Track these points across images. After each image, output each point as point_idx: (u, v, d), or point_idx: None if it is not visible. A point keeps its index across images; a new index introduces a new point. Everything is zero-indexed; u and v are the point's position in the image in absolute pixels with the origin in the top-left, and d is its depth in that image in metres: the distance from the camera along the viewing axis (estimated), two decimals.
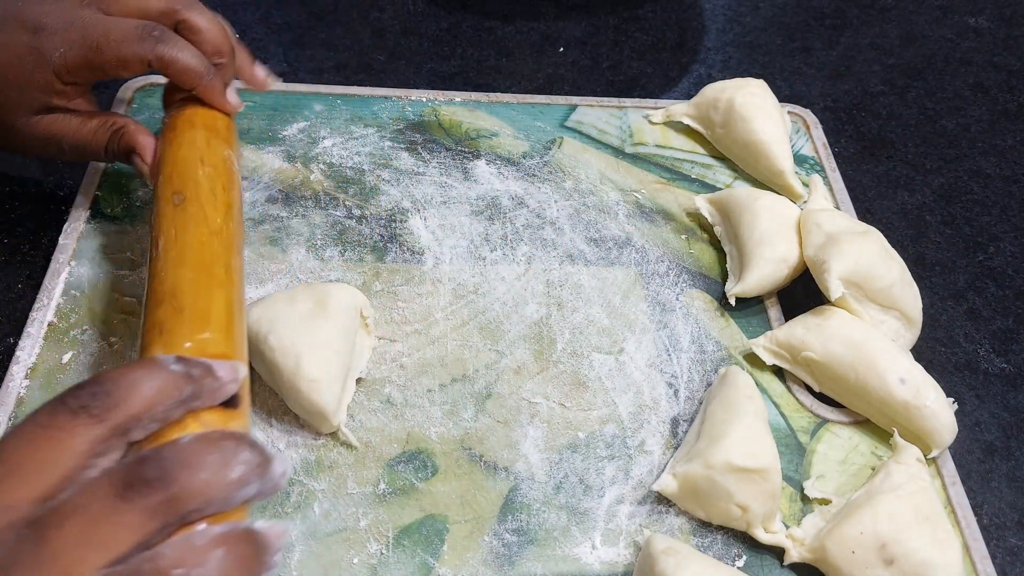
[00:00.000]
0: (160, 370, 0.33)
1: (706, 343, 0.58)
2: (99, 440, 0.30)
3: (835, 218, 0.59)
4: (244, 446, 0.31)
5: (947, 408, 0.52)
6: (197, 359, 0.36)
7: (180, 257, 0.44)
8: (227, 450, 0.31)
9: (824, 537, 0.46)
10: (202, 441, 0.31)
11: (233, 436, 0.32)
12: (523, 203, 0.64)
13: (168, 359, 0.35)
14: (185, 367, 0.34)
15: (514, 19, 0.82)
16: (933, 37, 0.87)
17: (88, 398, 0.30)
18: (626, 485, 0.50)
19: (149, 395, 0.32)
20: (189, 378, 0.34)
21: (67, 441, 0.30)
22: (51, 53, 0.49)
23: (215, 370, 0.36)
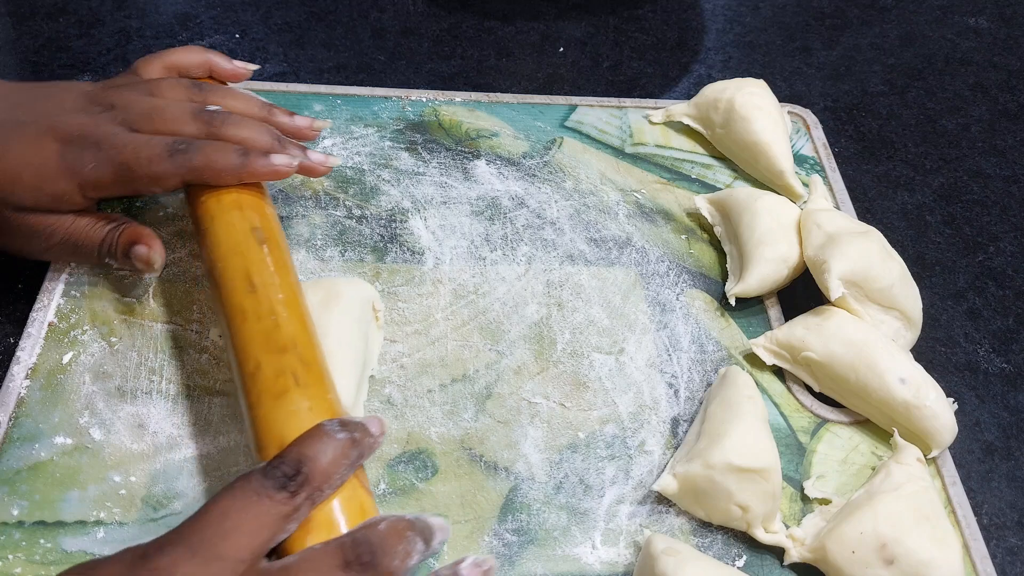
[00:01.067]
0: (331, 439, 0.39)
1: (706, 343, 0.58)
2: (295, 508, 0.37)
3: (835, 218, 0.59)
4: (418, 537, 0.38)
5: (947, 408, 0.52)
6: (354, 421, 0.40)
7: (291, 303, 0.46)
8: (410, 541, 0.37)
9: (824, 537, 0.46)
10: (393, 531, 0.37)
11: (413, 527, 0.38)
12: (523, 203, 0.64)
13: (333, 426, 0.39)
14: (348, 432, 0.39)
15: (514, 19, 0.82)
16: (933, 37, 0.87)
17: (287, 477, 0.37)
18: (626, 485, 0.50)
19: (330, 466, 0.38)
20: (354, 442, 0.39)
21: (273, 509, 0.36)
22: (80, 167, 0.49)
23: (369, 429, 0.41)
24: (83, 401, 0.50)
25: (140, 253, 0.51)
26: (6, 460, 0.47)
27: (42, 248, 0.52)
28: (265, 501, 0.36)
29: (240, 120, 0.52)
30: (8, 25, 0.76)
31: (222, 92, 0.55)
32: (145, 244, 0.51)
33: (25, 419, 0.49)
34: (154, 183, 0.50)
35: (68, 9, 0.77)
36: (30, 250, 0.52)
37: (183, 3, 0.80)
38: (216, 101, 0.54)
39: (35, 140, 0.49)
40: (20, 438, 0.48)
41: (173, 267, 0.57)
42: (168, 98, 0.52)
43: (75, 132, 0.49)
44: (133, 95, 0.52)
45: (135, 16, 0.78)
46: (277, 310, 0.46)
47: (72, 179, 0.49)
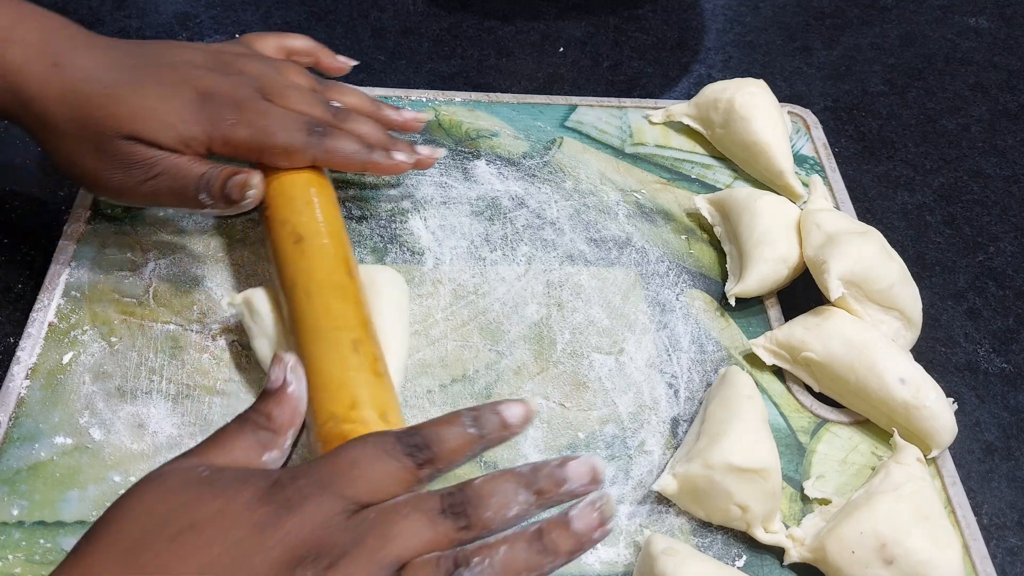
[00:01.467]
0: (463, 430, 0.38)
1: (706, 343, 0.58)
2: (417, 480, 0.37)
3: (835, 218, 0.59)
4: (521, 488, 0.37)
5: (947, 408, 0.52)
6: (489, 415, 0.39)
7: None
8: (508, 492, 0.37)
9: (824, 537, 0.46)
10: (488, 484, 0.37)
11: (511, 477, 0.37)
12: (523, 203, 0.64)
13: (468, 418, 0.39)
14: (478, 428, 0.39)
15: (514, 19, 0.82)
16: (933, 37, 0.87)
17: (417, 447, 0.37)
18: (626, 485, 0.50)
19: (454, 452, 0.38)
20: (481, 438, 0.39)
21: (397, 472, 0.37)
22: (219, 120, 0.51)
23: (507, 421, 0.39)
24: (83, 401, 0.50)
25: (239, 179, 0.50)
26: (6, 460, 0.47)
27: (139, 180, 0.51)
28: (392, 462, 0.37)
29: (358, 117, 0.56)
30: None
31: (338, 88, 0.59)
32: (242, 174, 0.51)
33: (25, 419, 0.49)
34: (285, 156, 0.52)
35: (68, 9, 0.77)
36: (125, 183, 0.51)
37: (183, 3, 0.80)
38: (335, 96, 0.57)
39: (174, 85, 0.51)
40: (20, 438, 0.48)
41: (174, 267, 0.57)
42: (295, 82, 0.55)
43: (214, 88, 0.52)
44: (263, 67, 0.55)
45: (135, 16, 0.78)
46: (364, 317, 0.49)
47: (208, 129, 0.51)
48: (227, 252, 0.58)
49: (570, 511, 0.37)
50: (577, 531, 0.36)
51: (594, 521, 0.37)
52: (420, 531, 0.35)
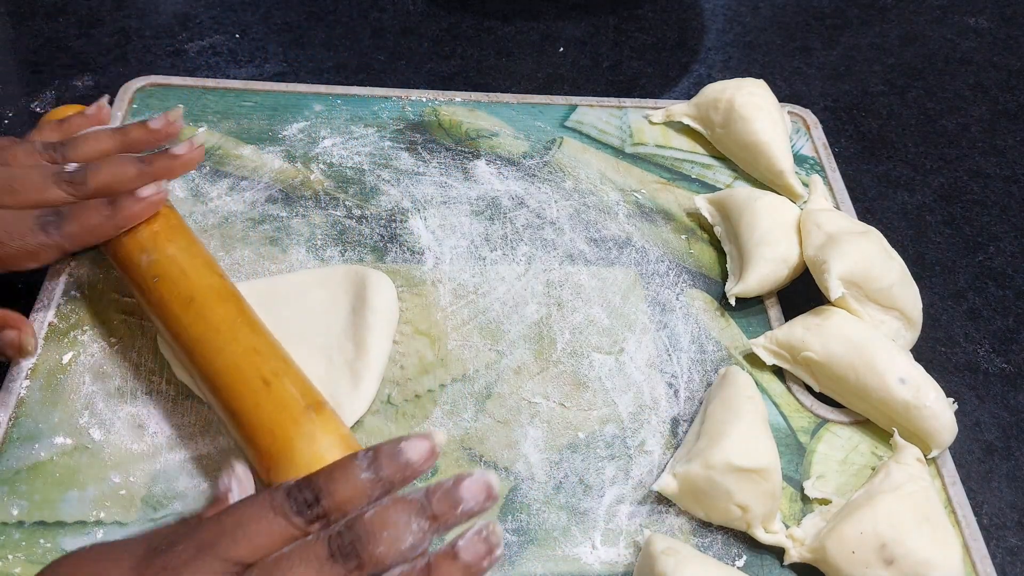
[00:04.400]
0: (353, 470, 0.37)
1: (706, 343, 0.58)
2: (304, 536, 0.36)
3: (835, 218, 0.59)
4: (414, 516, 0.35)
5: (947, 408, 0.52)
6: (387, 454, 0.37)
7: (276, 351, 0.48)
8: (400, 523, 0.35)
9: (824, 537, 0.46)
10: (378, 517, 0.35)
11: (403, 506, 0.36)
12: (523, 203, 0.64)
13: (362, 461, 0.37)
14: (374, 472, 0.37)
15: (514, 19, 0.82)
16: (933, 37, 0.87)
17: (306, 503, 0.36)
18: (626, 485, 0.50)
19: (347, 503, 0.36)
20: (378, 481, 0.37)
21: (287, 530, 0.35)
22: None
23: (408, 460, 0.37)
24: (83, 401, 0.50)
25: (9, 338, 0.48)
26: (6, 460, 0.47)
27: None
28: (280, 520, 0.35)
29: (100, 164, 0.51)
30: (8, 25, 0.76)
31: (74, 142, 0.53)
32: (15, 327, 0.48)
33: (25, 419, 0.49)
34: (30, 259, 0.48)
35: (68, 9, 0.77)
36: None
37: (183, 3, 0.80)
38: (72, 155, 0.52)
39: None
40: (20, 438, 0.48)
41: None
42: (26, 165, 0.51)
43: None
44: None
45: (135, 16, 0.78)
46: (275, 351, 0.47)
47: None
48: (227, 252, 0.58)
49: (458, 542, 0.35)
50: (466, 562, 0.35)
51: (482, 551, 0.35)
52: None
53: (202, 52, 0.75)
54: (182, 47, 0.75)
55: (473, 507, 0.36)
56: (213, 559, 0.34)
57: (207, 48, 0.76)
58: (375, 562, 0.34)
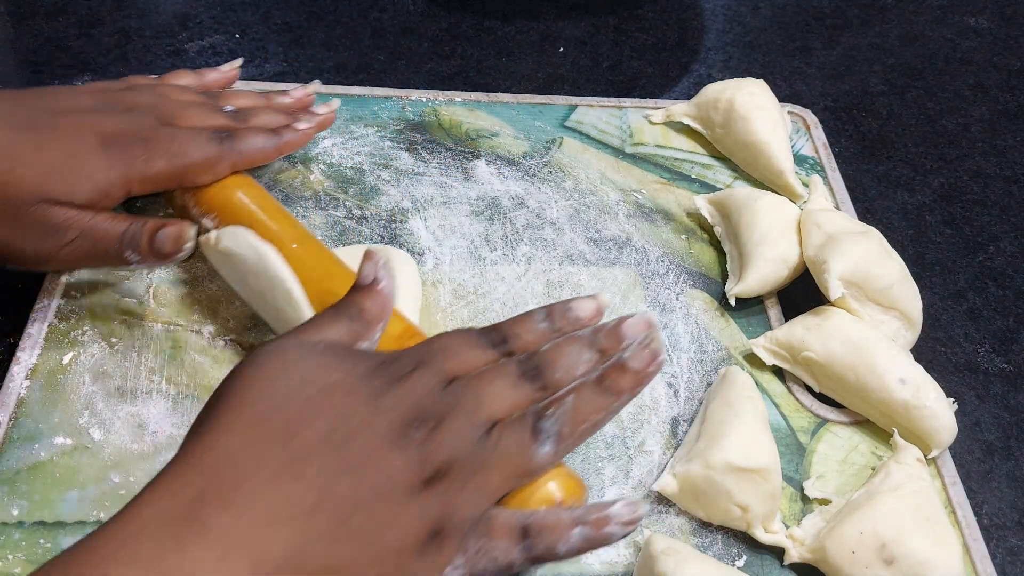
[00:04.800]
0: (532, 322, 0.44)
1: (706, 343, 0.58)
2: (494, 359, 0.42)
3: (835, 218, 0.59)
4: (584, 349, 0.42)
5: (947, 408, 0.52)
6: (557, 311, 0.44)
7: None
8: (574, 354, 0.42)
9: (824, 537, 0.46)
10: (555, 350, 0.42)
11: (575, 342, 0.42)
12: (523, 203, 0.64)
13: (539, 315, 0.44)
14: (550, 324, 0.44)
15: (514, 19, 0.82)
16: (933, 37, 0.87)
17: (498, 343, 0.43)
18: (626, 485, 0.50)
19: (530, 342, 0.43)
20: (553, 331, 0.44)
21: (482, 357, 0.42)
22: (130, 160, 0.50)
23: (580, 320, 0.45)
24: (83, 401, 0.50)
25: (169, 232, 0.50)
26: (6, 460, 0.47)
27: (56, 246, 0.49)
28: (477, 350, 0.42)
29: (254, 111, 0.57)
30: (8, 25, 0.76)
31: (226, 94, 0.59)
32: (173, 226, 0.51)
33: (25, 419, 0.49)
34: (205, 171, 0.53)
35: (68, 9, 0.77)
36: (41, 249, 0.49)
37: (183, 3, 0.80)
38: (225, 102, 0.58)
39: (74, 135, 0.50)
40: (20, 438, 0.48)
41: (174, 267, 0.57)
42: (186, 100, 0.55)
43: (112, 129, 0.51)
44: (151, 97, 0.54)
45: (135, 16, 0.78)
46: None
47: (123, 172, 0.50)
48: None
49: (624, 354, 0.41)
50: (635, 369, 0.41)
51: (647, 357, 0.41)
52: (505, 394, 0.40)
53: (202, 52, 0.75)
54: (182, 47, 0.75)
55: (634, 341, 0.42)
56: (431, 370, 0.40)
57: (207, 48, 0.76)
58: (555, 384, 0.41)
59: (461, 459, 0.38)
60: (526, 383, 0.41)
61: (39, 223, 0.48)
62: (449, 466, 0.37)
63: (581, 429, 0.40)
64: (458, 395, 0.39)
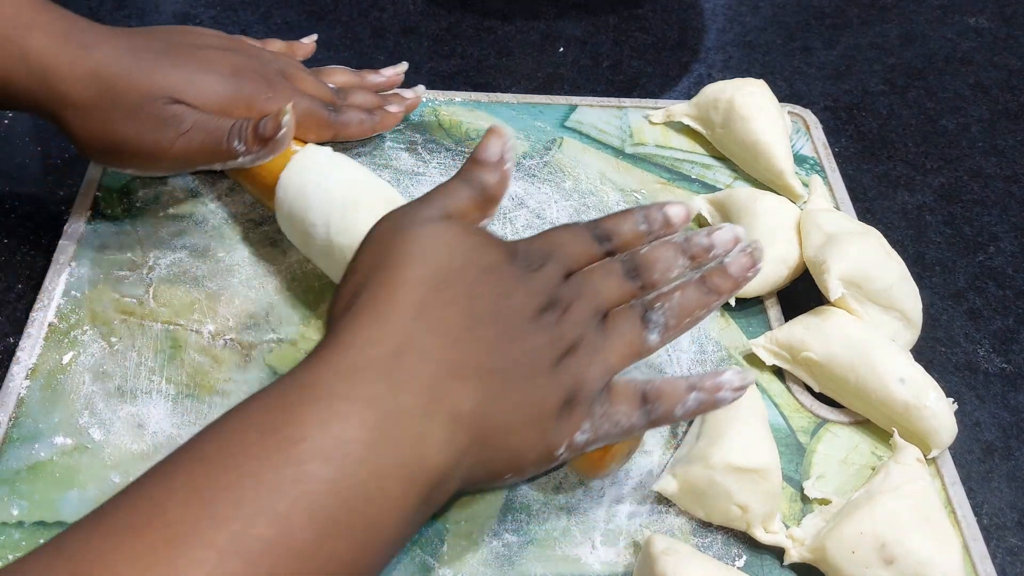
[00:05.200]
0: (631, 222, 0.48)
1: (706, 343, 0.58)
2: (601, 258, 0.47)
3: (835, 218, 0.59)
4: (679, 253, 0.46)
5: (947, 408, 0.52)
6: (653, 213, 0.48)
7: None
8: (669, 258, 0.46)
9: (824, 537, 0.46)
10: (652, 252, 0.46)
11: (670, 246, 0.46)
12: (523, 203, 0.64)
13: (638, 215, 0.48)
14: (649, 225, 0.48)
15: (514, 19, 0.82)
16: (933, 37, 0.87)
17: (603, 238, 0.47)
18: (626, 485, 0.50)
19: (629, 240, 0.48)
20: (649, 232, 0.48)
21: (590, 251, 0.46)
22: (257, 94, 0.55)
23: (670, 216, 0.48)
24: (83, 401, 0.50)
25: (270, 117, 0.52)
26: (6, 460, 0.47)
27: (173, 135, 0.52)
28: (587, 244, 0.46)
29: (353, 91, 0.64)
30: None
31: (327, 71, 0.65)
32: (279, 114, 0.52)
33: (25, 419, 0.49)
34: (311, 130, 0.58)
35: (68, 9, 0.77)
36: (161, 140, 0.52)
37: (183, 3, 0.80)
38: (327, 78, 0.64)
39: (208, 61, 0.54)
40: (20, 438, 0.48)
41: (174, 267, 0.57)
42: (299, 67, 0.61)
43: (245, 67, 0.56)
44: (272, 57, 0.60)
45: (135, 16, 0.78)
46: None
47: (247, 101, 0.54)
48: (227, 252, 0.58)
49: (727, 257, 0.46)
50: (734, 273, 0.46)
51: (747, 263, 0.46)
52: (614, 287, 0.45)
53: None
54: None
55: (721, 252, 0.46)
56: (554, 263, 0.44)
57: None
58: (653, 283, 0.46)
59: (586, 339, 0.43)
60: (629, 280, 0.45)
61: (161, 115, 0.51)
62: (577, 344, 0.43)
63: (685, 323, 0.45)
64: (579, 286, 0.44)
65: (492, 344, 0.40)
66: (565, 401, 0.41)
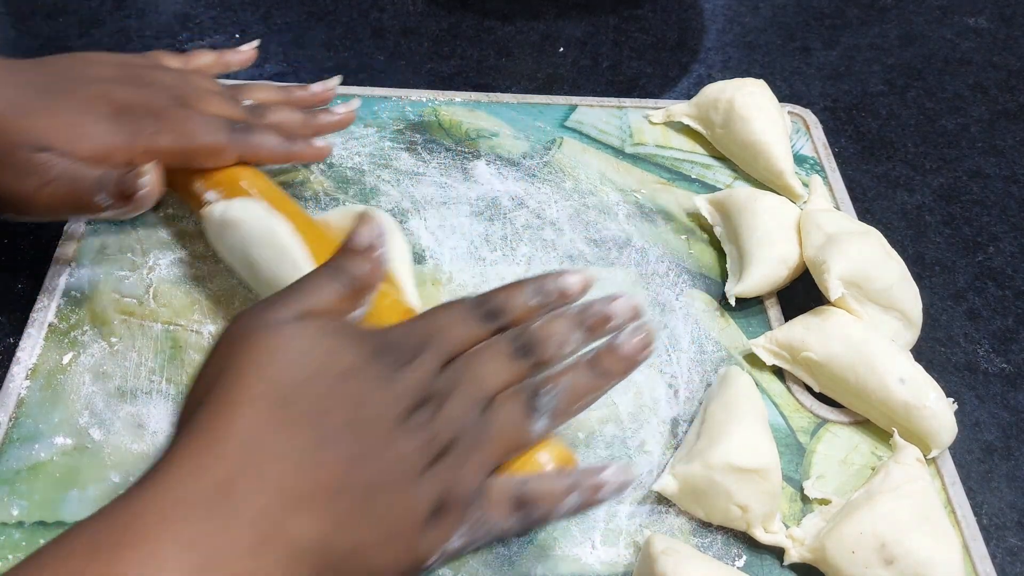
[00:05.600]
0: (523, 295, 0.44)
1: (706, 343, 0.58)
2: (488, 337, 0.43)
3: (835, 218, 0.59)
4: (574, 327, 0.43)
5: (947, 408, 0.52)
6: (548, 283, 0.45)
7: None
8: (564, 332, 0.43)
9: (824, 537, 0.46)
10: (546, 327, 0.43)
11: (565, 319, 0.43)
12: (523, 203, 0.64)
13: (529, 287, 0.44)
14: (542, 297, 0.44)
15: (514, 19, 0.82)
16: (933, 37, 0.87)
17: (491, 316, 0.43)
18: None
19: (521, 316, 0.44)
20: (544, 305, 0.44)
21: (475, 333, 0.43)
22: (139, 132, 0.51)
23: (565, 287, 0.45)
24: (83, 401, 0.50)
25: (132, 172, 0.49)
26: (6, 460, 0.47)
27: (37, 184, 0.49)
28: (473, 325, 0.43)
29: (274, 108, 0.58)
30: (8, 25, 0.76)
31: (247, 87, 0.60)
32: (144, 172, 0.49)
33: (25, 419, 0.49)
34: (211, 156, 0.53)
35: (68, 9, 0.77)
36: (23, 189, 0.49)
37: (183, 3, 0.80)
38: (246, 95, 0.59)
39: (88, 101, 0.51)
40: (20, 438, 0.48)
41: (174, 267, 0.57)
42: (207, 88, 0.56)
43: (130, 101, 0.52)
44: (174, 77, 0.55)
45: (135, 16, 0.78)
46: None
47: (129, 140, 0.51)
48: None
49: (618, 338, 0.43)
50: (626, 354, 0.43)
51: (639, 344, 0.43)
52: (501, 370, 0.42)
53: None
54: (182, 47, 0.75)
55: (621, 322, 0.44)
56: (431, 353, 0.41)
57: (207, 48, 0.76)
58: (546, 361, 0.43)
59: (463, 436, 0.39)
60: (519, 360, 0.42)
61: (26, 163, 0.48)
62: (452, 443, 0.39)
63: (575, 407, 0.43)
64: (458, 375, 0.41)
65: (345, 462, 0.36)
66: (435, 509, 0.38)
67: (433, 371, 0.40)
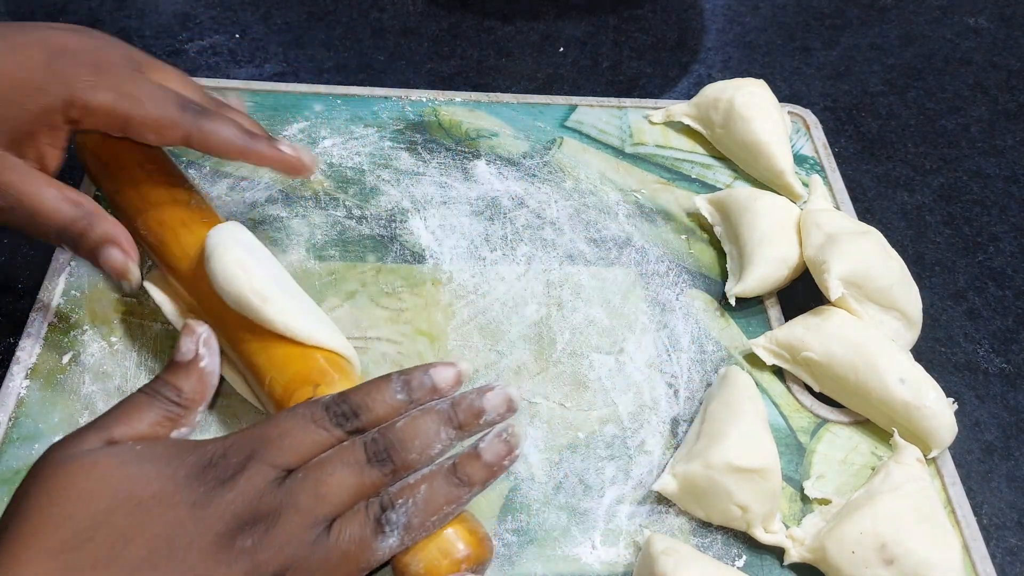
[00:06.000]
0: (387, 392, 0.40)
1: (706, 343, 0.58)
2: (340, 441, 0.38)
3: (835, 218, 0.59)
4: (442, 425, 0.39)
5: (947, 408, 0.52)
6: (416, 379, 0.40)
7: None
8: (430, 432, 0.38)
9: (824, 537, 0.46)
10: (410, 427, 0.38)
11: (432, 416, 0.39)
12: (523, 203, 0.64)
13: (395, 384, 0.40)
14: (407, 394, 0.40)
15: (514, 19, 0.82)
16: (933, 37, 0.87)
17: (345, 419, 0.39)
18: (626, 485, 0.50)
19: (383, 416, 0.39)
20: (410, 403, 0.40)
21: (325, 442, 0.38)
22: (73, 80, 0.44)
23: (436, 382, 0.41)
24: (83, 401, 0.50)
25: (116, 260, 0.45)
26: (6, 460, 0.47)
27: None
28: (321, 431, 0.38)
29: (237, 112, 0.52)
30: None
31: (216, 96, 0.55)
32: (121, 249, 0.46)
33: (25, 419, 0.49)
34: (155, 130, 0.46)
35: (68, 9, 0.77)
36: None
37: (183, 3, 0.80)
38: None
39: (19, 47, 0.44)
40: (20, 438, 0.48)
41: None
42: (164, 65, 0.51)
43: (69, 45, 0.45)
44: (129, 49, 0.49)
45: (135, 16, 0.78)
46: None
47: (60, 91, 0.44)
48: None
49: (480, 444, 0.39)
50: (489, 461, 0.39)
51: (503, 450, 0.39)
52: (348, 484, 0.37)
53: (202, 52, 0.75)
54: (182, 47, 0.75)
55: (495, 417, 0.39)
56: (263, 466, 0.36)
57: (207, 48, 0.76)
58: (407, 466, 0.38)
59: (297, 565, 0.34)
60: (374, 468, 0.37)
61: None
62: (283, 572, 0.34)
63: (431, 521, 0.37)
64: (294, 491, 0.36)
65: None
66: None
67: (262, 487, 0.35)
